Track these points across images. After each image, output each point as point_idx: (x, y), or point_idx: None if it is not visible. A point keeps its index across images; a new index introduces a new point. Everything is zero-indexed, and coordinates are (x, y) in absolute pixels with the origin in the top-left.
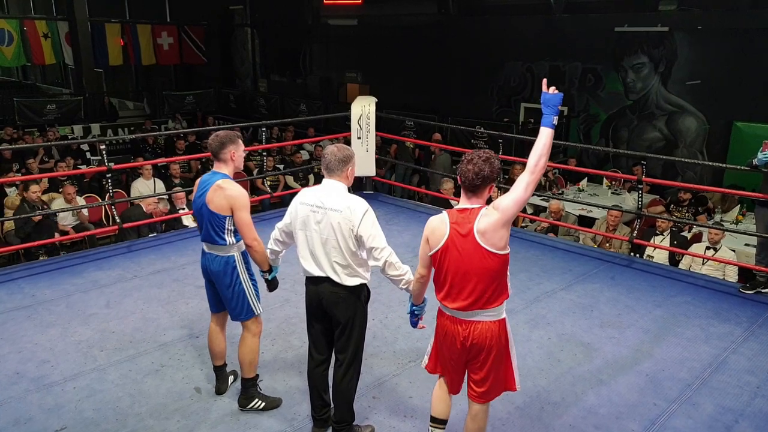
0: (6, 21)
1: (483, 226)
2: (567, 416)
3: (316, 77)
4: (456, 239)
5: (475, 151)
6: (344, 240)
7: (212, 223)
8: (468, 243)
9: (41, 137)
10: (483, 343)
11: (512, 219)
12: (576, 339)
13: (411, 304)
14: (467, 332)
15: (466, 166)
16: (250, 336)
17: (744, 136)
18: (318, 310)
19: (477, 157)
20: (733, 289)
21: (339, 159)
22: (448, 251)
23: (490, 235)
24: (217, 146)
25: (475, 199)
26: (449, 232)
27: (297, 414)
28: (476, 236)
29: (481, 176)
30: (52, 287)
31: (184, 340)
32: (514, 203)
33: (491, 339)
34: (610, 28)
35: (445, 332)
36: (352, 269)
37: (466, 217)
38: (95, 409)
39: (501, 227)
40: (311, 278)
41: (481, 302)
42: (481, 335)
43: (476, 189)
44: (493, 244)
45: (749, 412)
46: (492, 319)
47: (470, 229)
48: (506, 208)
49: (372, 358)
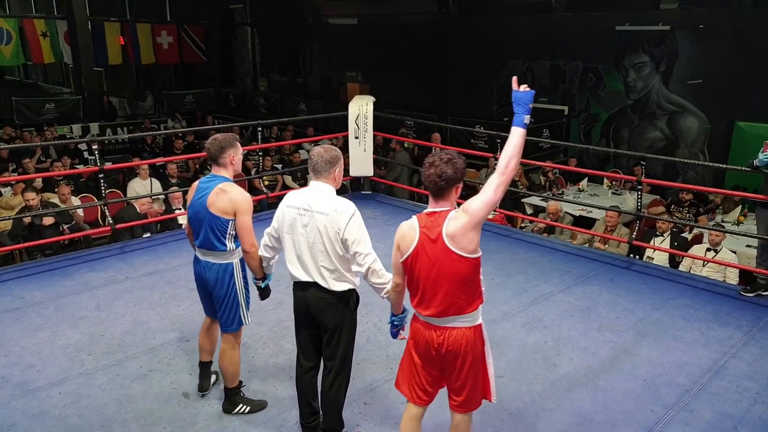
0: (4, 20)
1: (452, 230)
2: (562, 424)
3: (316, 76)
4: (426, 244)
5: (436, 153)
6: (331, 244)
7: (214, 227)
8: (438, 247)
9: (39, 136)
10: (458, 350)
11: (482, 221)
12: (573, 343)
13: (390, 314)
14: (442, 338)
15: (429, 170)
16: (230, 348)
17: (746, 136)
18: (305, 316)
19: (438, 160)
20: (734, 291)
21: (326, 161)
22: (419, 257)
23: (459, 238)
24: (216, 151)
25: (443, 202)
26: (419, 237)
27: (286, 421)
28: (445, 240)
29: (444, 178)
30: (42, 289)
31: (174, 344)
32: (483, 205)
33: (466, 345)
34: (611, 27)
35: (420, 338)
36: (340, 274)
37: (434, 220)
38: (80, 415)
39: (470, 230)
40: (298, 283)
41: (455, 308)
42: (456, 342)
43: (442, 192)
44: (463, 247)
45: (749, 419)
46: (467, 325)
47: (439, 232)
48: (476, 211)
49: (364, 363)
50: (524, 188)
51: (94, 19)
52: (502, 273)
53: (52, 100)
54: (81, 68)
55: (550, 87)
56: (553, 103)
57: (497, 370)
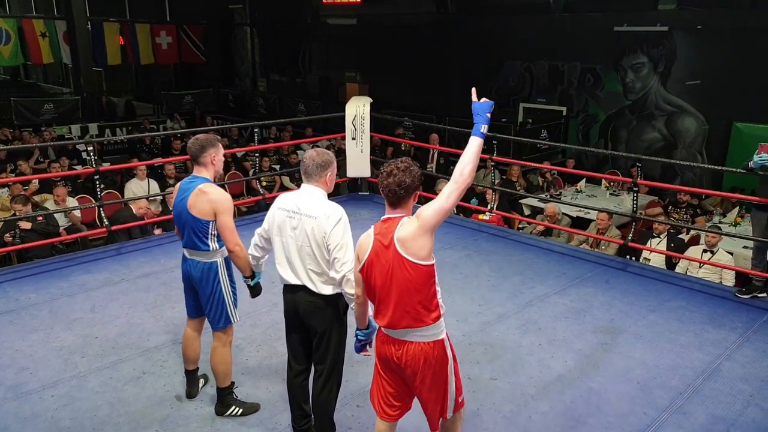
0: (3, 20)
1: (403, 235)
2: (555, 426)
3: (315, 77)
4: (379, 250)
5: (392, 162)
6: (318, 247)
7: (195, 228)
8: (390, 253)
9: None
10: (416, 366)
11: (434, 228)
12: (567, 345)
13: (356, 329)
14: (400, 353)
15: (387, 179)
16: (220, 346)
17: (744, 136)
18: (295, 319)
19: (396, 169)
20: (729, 293)
21: (317, 164)
22: (373, 264)
23: (409, 243)
24: (197, 150)
25: (399, 210)
26: (373, 244)
27: (278, 423)
28: (396, 245)
29: (403, 187)
30: (37, 291)
31: (168, 346)
32: (435, 213)
33: (425, 361)
34: (609, 27)
35: (381, 351)
36: (328, 277)
37: (388, 227)
38: (72, 418)
39: (421, 236)
40: (288, 286)
41: (408, 318)
42: (414, 357)
43: (400, 200)
44: (414, 253)
45: (741, 422)
46: (425, 340)
47: (391, 238)
48: (427, 217)
49: (358, 365)
50: (522, 189)
51: (94, 19)
52: (498, 274)
53: (51, 101)
54: (80, 68)
55: (549, 87)
56: (551, 103)
57: (491, 372)
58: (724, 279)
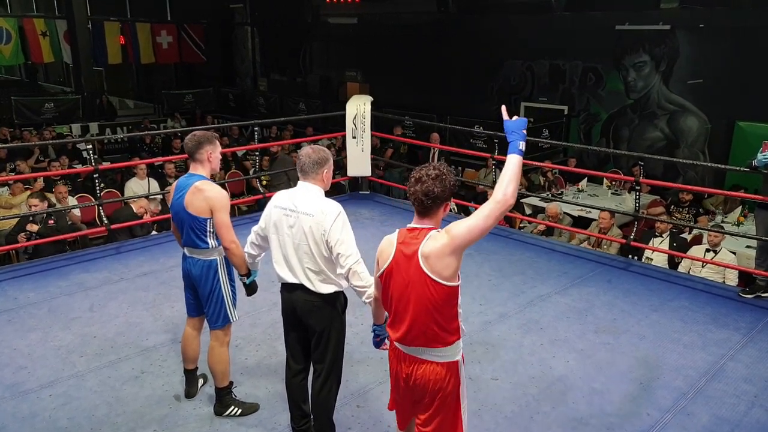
0: (4, 19)
1: (428, 250)
2: (557, 427)
3: (316, 76)
4: (400, 261)
5: (423, 168)
6: (316, 245)
7: (193, 226)
8: (411, 266)
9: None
10: (426, 387)
11: (464, 248)
12: (569, 345)
13: (373, 324)
14: (410, 370)
15: (414, 186)
16: (218, 346)
17: (746, 135)
18: (293, 318)
19: (426, 176)
20: (733, 293)
21: (313, 161)
22: (393, 274)
23: (434, 261)
24: (193, 146)
25: (427, 220)
26: (395, 253)
27: (278, 423)
28: (420, 259)
29: (431, 197)
30: (36, 290)
31: (167, 345)
32: (468, 231)
33: (435, 383)
34: (611, 26)
35: (391, 366)
36: (326, 276)
37: (414, 237)
38: (70, 417)
39: (448, 255)
40: (285, 285)
41: (424, 338)
42: (424, 377)
43: (427, 210)
44: (438, 272)
45: (746, 423)
46: (438, 361)
47: (415, 251)
48: (457, 235)
49: (359, 365)
50: (523, 188)
51: (94, 18)
52: (499, 274)
53: (52, 100)
54: (81, 68)
55: (550, 86)
56: (552, 102)
57: (493, 372)
58: (727, 278)
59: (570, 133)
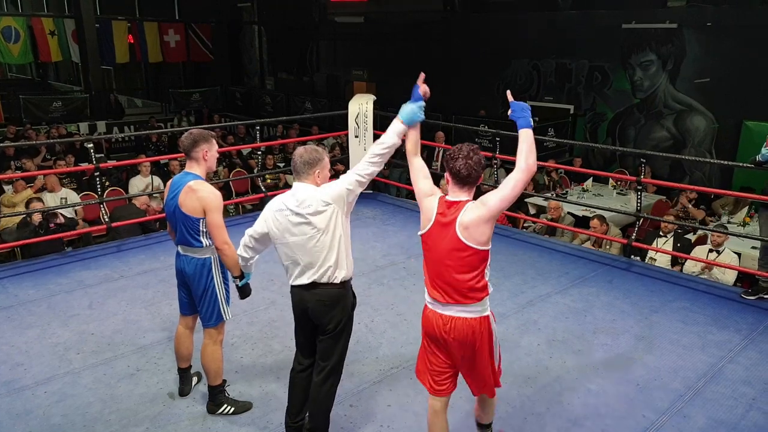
0: (13, 18)
1: (467, 220)
2: (551, 428)
3: (323, 75)
4: (437, 228)
5: (462, 147)
6: (332, 229)
7: (186, 225)
8: (448, 233)
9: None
10: (464, 339)
11: (497, 216)
12: (567, 346)
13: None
14: (448, 327)
15: (462, 162)
16: (211, 344)
17: (754, 135)
18: (304, 320)
19: (471, 152)
20: (734, 294)
21: (305, 161)
22: (430, 238)
23: (473, 229)
24: (189, 144)
25: (465, 193)
26: (434, 220)
27: (270, 422)
28: (457, 228)
29: (478, 170)
30: (36, 287)
31: (164, 343)
32: (501, 200)
33: (472, 335)
34: (617, 24)
35: (429, 325)
36: (336, 263)
37: (453, 208)
38: (63, 414)
39: (485, 223)
40: (296, 286)
41: (457, 295)
42: (462, 331)
43: (465, 184)
44: (475, 238)
45: (743, 426)
46: (471, 316)
47: (453, 219)
48: (493, 205)
49: (353, 364)
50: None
51: (101, 17)
52: (500, 274)
53: (60, 99)
54: (89, 67)
55: (556, 86)
56: (558, 101)
57: None
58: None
59: (576, 132)
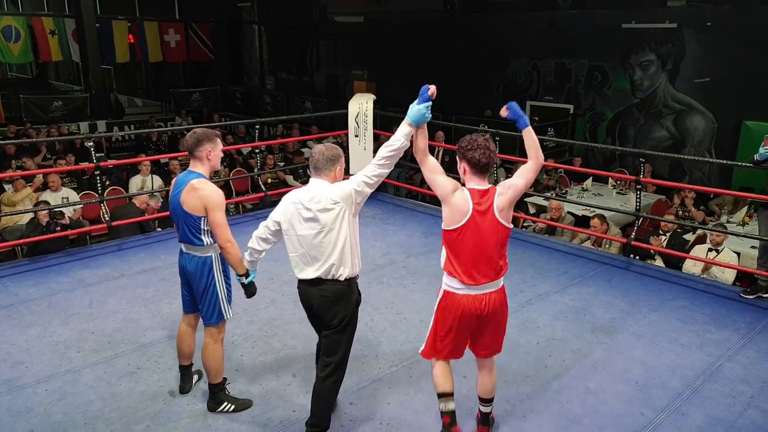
0: (13, 18)
1: (501, 204)
2: (549, 426)
3: (322, 74)
4: (477, 217)
5: (476, 138)
6: (338, 227)
7: (188, 223)
8: (487, 219)
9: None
10: (495, 312)
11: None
12: (565, 344)
13: None
14: (483, 304)
15: (481, 152)
16: (212, 342)
17: (753, 135)
18: (310, 315)
19: (486, 141)
20: (733, 293)
21: (327, 158)
22: (469, 228)
23: (506, 211)
24: (193, 143)
25: (486, 181)
26: (471, 212)
27: (270, 420)
28: (495, 212)
29: (493, 157)
30: (36, 286)
31: (164, 342)
32: (525, 185)
33: (501, 305)
34: (617, 24)
35: (461, 309)
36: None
37: (485, 197)
38: (64, 412)
39: (512, 205)
40: (302, 281)
41: (491, 275)
42: (494, 305)
43: (486, 172)
44: (507, 218)
45: (741, 424)
46: (499, 287)
47: (489, 206)
48: (519, 189)
49: (353, 362)
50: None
51: (101, 16)
52: None
53: (60, 98)
54: (89, 66)
55: (556, 85)
56: (558, 101)
57: None
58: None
59: (576, 132)
